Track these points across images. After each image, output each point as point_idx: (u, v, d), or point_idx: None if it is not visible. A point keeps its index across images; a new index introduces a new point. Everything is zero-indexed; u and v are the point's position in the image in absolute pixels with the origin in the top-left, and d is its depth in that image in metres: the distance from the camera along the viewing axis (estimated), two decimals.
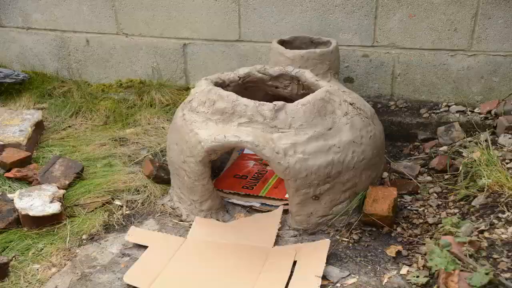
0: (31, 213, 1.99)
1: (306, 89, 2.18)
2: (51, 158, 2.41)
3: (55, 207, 2.02)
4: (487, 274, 1.46)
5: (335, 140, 1.87)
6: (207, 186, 2.02)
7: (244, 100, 1.92)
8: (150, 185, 2.31)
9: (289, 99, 2.06)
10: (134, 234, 1.99)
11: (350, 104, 1.98)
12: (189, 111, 2.04)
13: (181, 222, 2.11)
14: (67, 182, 2.24)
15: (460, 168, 2.17)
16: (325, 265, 1.73)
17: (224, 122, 1.93)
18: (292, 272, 1.73)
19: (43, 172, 2.27)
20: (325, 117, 1.89)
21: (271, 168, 2.05)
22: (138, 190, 2.30)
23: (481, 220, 1.84)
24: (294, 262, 1.77)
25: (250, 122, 1.89)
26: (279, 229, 2.00)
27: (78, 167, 2.34)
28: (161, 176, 2.33)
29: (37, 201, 2.04)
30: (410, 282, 1.63)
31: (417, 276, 1.63)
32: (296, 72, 2.20)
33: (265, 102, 1.90)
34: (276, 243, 1.92)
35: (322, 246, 1.81)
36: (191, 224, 2.07)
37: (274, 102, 1.89)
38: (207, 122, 1.95)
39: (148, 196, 2.27)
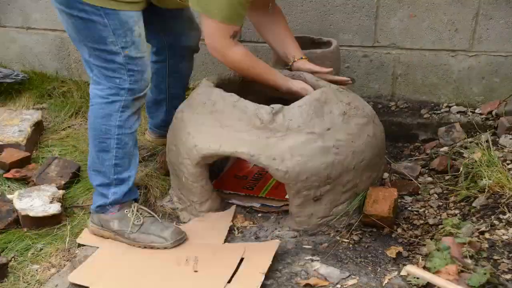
0: (31, 214, 1.98)
1: None
2: (47, 159, 2.41)
3: (55, 208, 2.02)
4: (485, 274, 1.46)
5: (334, 141, 1.86)
6: (206, 187, 2.02)
7: (244, 102, 1.91)
8: (151, 185, 2.31)
9: (288, 101, 2.05)
10: (86, 236, 1.98)
11: (348, 104, 1.96)
12: (187, 112, 2.03)
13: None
14: (62, 182, 2.24)
15: (461, 169, 2.16)
16: (271, 263, 1.73)
17: (222, 125, 1.91)
18: (237, 268, 1.74)
19: (38, 173, 2.27)
20: (322, 118, 1.88)
21: None
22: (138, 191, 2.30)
23: (481, 221, 1.84)
24: (242, 260, 1.78)
25: (248, 125, 1.88)
26: (279, 230, 2.00)
27: (74, 167, 2.34)
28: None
29: (37, 202, 2.03)
30: (411, 283, 1.62)
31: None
32: (296, 72, 2.20)
33: (263, 105, 1.89)
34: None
35: (271, 246, 1.83)
36: None
37: (272, 105, 1.88)
38: (204, 124, 1.94)
39: (148, 197, 2.27)
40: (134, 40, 1.80)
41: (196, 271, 1.75)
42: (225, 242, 1.92)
